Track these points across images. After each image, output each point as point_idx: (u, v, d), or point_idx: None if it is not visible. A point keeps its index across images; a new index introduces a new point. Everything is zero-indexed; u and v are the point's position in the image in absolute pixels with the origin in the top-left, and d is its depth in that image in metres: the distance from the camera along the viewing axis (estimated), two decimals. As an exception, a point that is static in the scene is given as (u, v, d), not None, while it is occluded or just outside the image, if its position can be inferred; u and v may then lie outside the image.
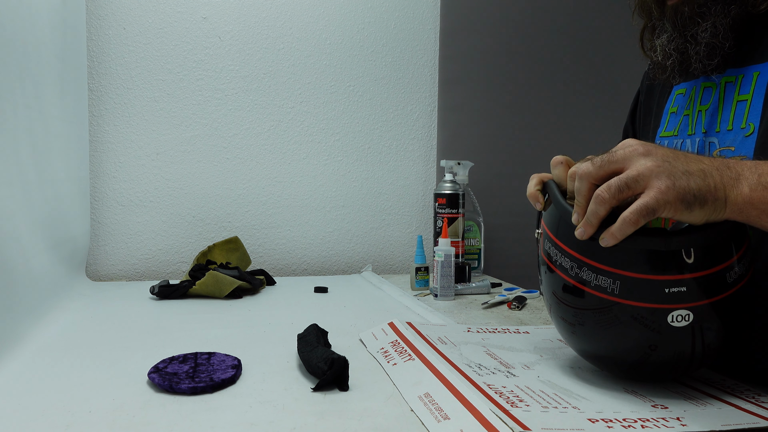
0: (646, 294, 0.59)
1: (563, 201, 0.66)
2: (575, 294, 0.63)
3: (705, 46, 0.68)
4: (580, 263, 0.62)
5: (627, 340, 0.61)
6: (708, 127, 0.71)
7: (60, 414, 0.60)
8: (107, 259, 1.38)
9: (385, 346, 0.80)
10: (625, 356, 0.63)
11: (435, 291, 1.18)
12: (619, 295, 0.60)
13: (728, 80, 0.70)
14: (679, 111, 0.77)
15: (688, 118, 0.75)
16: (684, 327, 0.59)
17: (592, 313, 0.62)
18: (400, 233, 1.56)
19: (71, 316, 0.99)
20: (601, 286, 0.61)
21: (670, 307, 0.59)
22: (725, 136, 0.69)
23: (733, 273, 0.59)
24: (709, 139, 0.71)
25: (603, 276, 0.61)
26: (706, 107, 0.72)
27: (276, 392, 0.66)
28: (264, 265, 1.46)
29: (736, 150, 0.67)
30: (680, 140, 0.76)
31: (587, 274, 0.62)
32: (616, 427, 0.55)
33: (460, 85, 1.54)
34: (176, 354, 0.76)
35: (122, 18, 1.36)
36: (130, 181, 1.38)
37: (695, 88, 0.75)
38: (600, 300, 0.61)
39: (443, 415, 0.57)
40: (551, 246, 0.66)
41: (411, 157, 1.56)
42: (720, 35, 0.67)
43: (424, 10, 1.53)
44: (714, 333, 0.61)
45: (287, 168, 1.48)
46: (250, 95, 1.44)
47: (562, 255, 0.64)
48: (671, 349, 0.61)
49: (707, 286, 0.59)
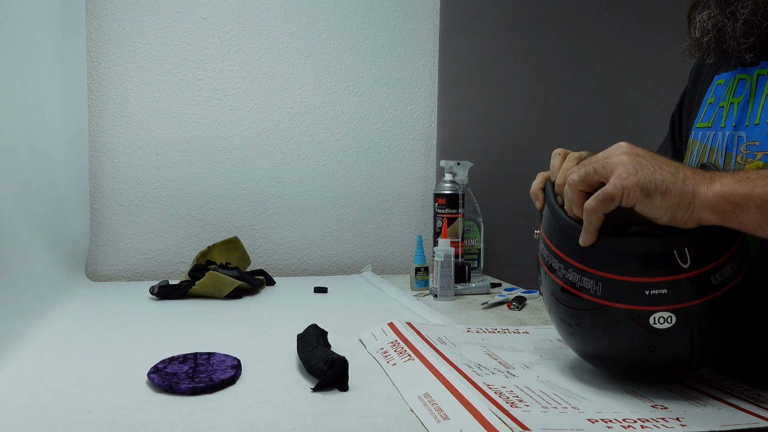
0: (627, 296, 0.59)
1: (556, 204, 0.66)
2: (569, 295, 0.63)
3: (743, 23, 0.68)
4: (567, 265, 0.63)
5: (623, 341, 0.61)
6: (738, 121, 0.70)
7: (60, 414, 0.60)
8: (107, 259, 1.38)
9: (385, 346, 0.80)
10: (622, 357, 0.63)
11: (435, 291, 1.18)
12: (602, 296, 0.60)
13: (761, 73, 0.69)
14: (716, 102, 0.76)
15: (722, 110, 0.74)
16: (668, 329, 0.58)
17: (589, 313, 0.62)
18: (399, 233, 1.56)
19: (71, 316, 0.99)
20: (585, 287, 0.61)
21: (651, 309, 0.58)
22: (752, 130, 0.68)
23: (720, 275, 0.59)
24: (738, 133, 0.70)
25: (586, 277, 0.61)
26: (739, 100, 0.71)
27: (275, 392, 0.66)
28: (264, 265, 1.46)
29: (761, 145, 0.67)
30: (713, 132, 0.75)
31: (573, 275, 0.62)
32: (615, 428, 0.55)
33: (460, 85, 1.54)
34: (176, 354, 0.76)
35: (122, 18, 1.36)
36: (130, 182, 1.38)
37: (732, 79, 0.74)
38: (587, 302, 0.61)
39: (443, 415, 0.57)
40: (544, 247, 0.67)
41: (411, 157, 1.56)
42: (759, 13, 0.66)
43: (424, 10, 1.53)
44: (706, 334, 0.60)
45: (287, 168, 1.47)
46: (250, 95, 1.44)
47: (553, 257, 0.65)
48: (667, 350, 0.61)
49: (690, 289, 0.58)
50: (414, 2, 1.52)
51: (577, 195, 0.61)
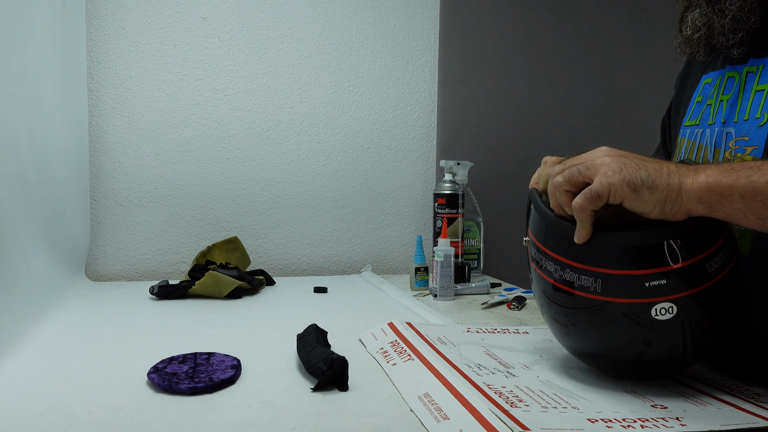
0: (627, 290, 0.59)
1: (543, 207, 0.67)
2: (564, 295, 0.64)
3: (731, 19, 0.70)
4: (563, 265, 0.63)
5: (619, 338, 0.62)
6: (727, 117, 0.72)
7: (60, 414, 0.60)
8: (107, 259, 1.38)
9: (385, 346, 0.80)
10: (618, 354, 0.64)
11: (434, 291, 1.18)
12: (602, 293, 0.60)
13: (750, 70, 0.71)
14: (704, 100, 0.78)
15: (711, 108, 0.75)
16: (669, 320, 0.59)
17: (583, 312, 0.63)
18: (399, 233, 1.56)
19: (71, 316, 0.99)
20: (584, 285, 0.61)
21: (652, 301, 0.59)
22: (741, 126, 0.69)
23: (714, 263, 0.60)
24: (726, 129, 0.71)
25: (585, 276, 0.61)
26: (728, 97, 0.73)
27: (275, 392, 0.66)
28: (263, 265, 1.46)
29: (750, 140, 0.68)
30: (701, 129, 0.76)
31: (570, 275, 0.62)
32: (615, 427, 0.55)
33: (460, 85, 1.54)
34: (176, 354, 0.76)
35: (122, 18, 1.36)
36: (130, 181, 1.38)
37: (720, 77, 0.76)
38: (586, 300, 0.61)
39: (443, 415, 0.57)
40: (536, 251, 0.67)
41: (410, 157, 1.56)
42: (746, 8, 0.69)
43: (424, 10, 1.53)
44: (701, 325, 0.61)
45: (287, 168, 1.47)
46: (250, 95, 1.44)
47: (546, 259, 0.65)
48: (663, 344, 0.61)
49: (688, 277, 0.59)
50: (414, 2, 1.52)
51: (564, 195, 0.62)
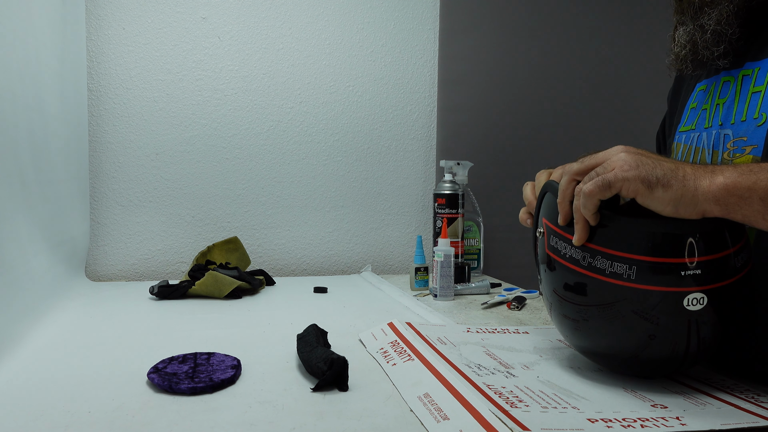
0: (663, 278, 0.59)
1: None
2: (579, 289, 0.63)
3: (711, 33, 0.73)
4: (593, 252, 0.63)
5: (633, 333, 0.62)
6: (724, 120, 0.73)
7: (59, 414, 0.60)
8: (106, 259, 1.38)
9: (385, 346, 0.80)
10: (629, 349, 0.63)
11: (434, 291, 1.18)
12: (636, 280, 0.60)
13: (745, 73, 0.72)
14: (699, 106, 0.79)
15: (706, 112, 0.77)
16: (698, 311, 0.59)
17: (596, 308, 0.62)
18: (399, 233, 1.56)
19: (70, 316, 0.99)
20: (617, 272, 0.61)
21: (686, 290, 0.59)
22: (739, 127, 0.70)
23: (739, 259, 0.61)
24: (724, 131, 0.72)
25: (618, 263, 0.61)
26: (724, 100, 0.74)
27: (275, 392, 0.66)
28: (263, 265, 1.46)
29: (749, 140, 0.68)
30: (697, 133, 0.77)
31: (601, 262, 0.62)
32: (615, 427, 0.55)
33: (460, 85, 1.54)
34: (176, 354, 0.76)
35: (121, 18, 1.36)
36: (130, 182, 1.38)
37: (715, 83, 0.77)
38: (614, 288, 0.61)
39: (443, 415, 0.57)
40: (558, 240, 0.66)
41: (410, 157, 1.56)
42: (723, 22, 0.71)
43: (424, 10, 1.53)
44: (724, 319, 0.61)
45: (286, 168, 1.47)
46: (250, 95, 1.44)
47: (571, 247, 0.64)
48: (675, 338, 0.61)
49: (719, 270, 0.60)
50: (414, 2, 1.52)
51: (567, 181, 0.64)
